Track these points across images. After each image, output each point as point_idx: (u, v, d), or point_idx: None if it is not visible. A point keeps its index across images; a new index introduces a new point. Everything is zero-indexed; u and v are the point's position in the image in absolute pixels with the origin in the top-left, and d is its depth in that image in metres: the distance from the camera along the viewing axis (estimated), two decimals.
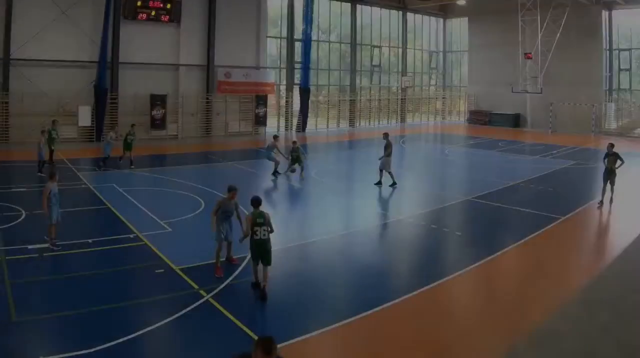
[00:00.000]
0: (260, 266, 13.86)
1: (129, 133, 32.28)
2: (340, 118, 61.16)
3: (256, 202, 14.04)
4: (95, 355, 10.48)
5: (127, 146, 32.01)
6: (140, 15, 44.70)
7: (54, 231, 16.87)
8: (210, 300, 13.24)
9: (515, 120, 63.23)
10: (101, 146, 27.02)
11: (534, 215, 22.73)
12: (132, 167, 31.12)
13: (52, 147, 31.87)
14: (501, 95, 63.24)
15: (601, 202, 24.47)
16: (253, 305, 13.48)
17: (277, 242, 16.60)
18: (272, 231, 13.96)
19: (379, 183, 27.88)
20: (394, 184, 27.61)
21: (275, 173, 29.82)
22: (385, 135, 28.31)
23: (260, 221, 13.68)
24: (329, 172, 32.55)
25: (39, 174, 27.62)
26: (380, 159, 27.77)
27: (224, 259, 15.54)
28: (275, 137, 31.59)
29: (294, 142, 27.40)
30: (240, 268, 15.32)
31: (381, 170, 27.72)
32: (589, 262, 17.91)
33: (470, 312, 13.61)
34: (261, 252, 13.74)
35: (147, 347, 11.36)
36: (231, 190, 15.40)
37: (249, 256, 14.73)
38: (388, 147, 27.57)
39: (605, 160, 24.65)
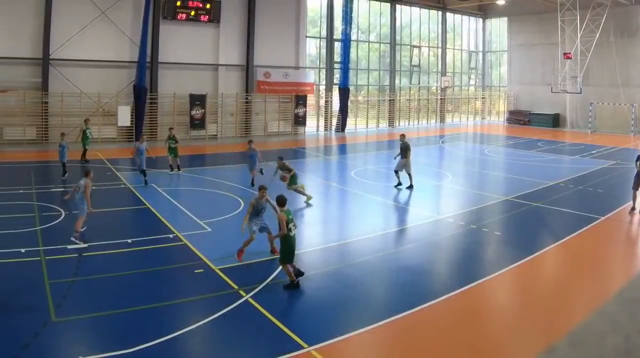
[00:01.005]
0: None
1: (169, 137, 29.54)
2: (380, 118, 59.23)
3: (283, 201, 14.20)
4: (134, 355, 10.31)
5: (172, 152, 29.35)
6: (180, 15, 43.44)
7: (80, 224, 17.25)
8: (250, 300, 12.97)
9: (555, 120, 60.84)
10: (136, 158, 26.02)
11: (574, 215, 22.20)
12: (173, 172, 28.93)
13: (86, 146, 30.90)
14: (540, 95, 61.31)
15: (633, 209, 22.55)
16: (292, 305, 13.34)
17: (316, 242, 17.91)
18: (295, 227, 14.18)
19: (398, 184, 26.58)
20: (410, 186, 26.29)
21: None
22: (402, 137, 27.00)
23: (291, 218, 13.89)
24: (367, 172, 31.56)
25: (63, 177, 26.42)
26: (399, 160, 26.60)
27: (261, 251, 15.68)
28: (250, 142, 28.52)
29: (280, 158, 25.26)
30: (279, 269, 14.71)
31: (396, 172, 26.56)
32: (629, 261, 17.60)
33: (510, 312, 13.41)
34: (293, 248, 13.89)
35: (186, 347, 11.06)
36: (261, 189, 15.83)
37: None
38: (405, 150, 26.18)
39: (638, 163, 22.49)
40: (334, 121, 54.24)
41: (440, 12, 64.25)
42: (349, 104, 53.89)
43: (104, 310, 12.29)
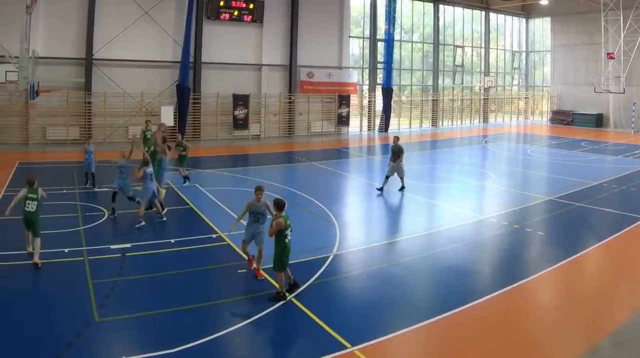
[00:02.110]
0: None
1: (177, 144, 25.75)
2: (423, 118, 56.72)
3: (282, 204, 12.71)
4: (177, 355, 10.05)
5: (180, 160, 25.51)
6: (223, 15, 41.94)
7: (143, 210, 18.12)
8: (293, 300, 12.58)
9: (598, 120, 58.25)
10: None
11: (617, 215, 21.45)
12: (186, 184, 24.90)
13: (147, 149, 28.97)
14: (584, 95, 58.68)
15: None
16: (336, 304, 12.74)
17: (360, 242, 17.44)
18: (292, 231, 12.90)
19: (399, 190, 24.54)
20: (402, 188, 24.50)
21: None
22: (395, 140, 24.80)
23: (289, 223, 12.63)
24: (411, 172, 28.73)
25: (86, 186, 24.05)
26: (390, 165, 24.58)
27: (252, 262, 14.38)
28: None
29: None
30: (322, 269, 14.55)
31: (387, 177, 24.52)
32: None
33: (553, 312, 12.85)
34: (288, 254, 12.64)
35: (229, 348, 10.82)
36: (257, 190, 13.98)
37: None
38: (398, 153, 24.15)
39: None
40: (377, 121, 52.33)
41: (483, 12, 61.74)
42: (392, 104, 51.98)
43: (147, 310, 12.02)
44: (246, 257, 14.48)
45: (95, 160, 24.26)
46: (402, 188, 24.27)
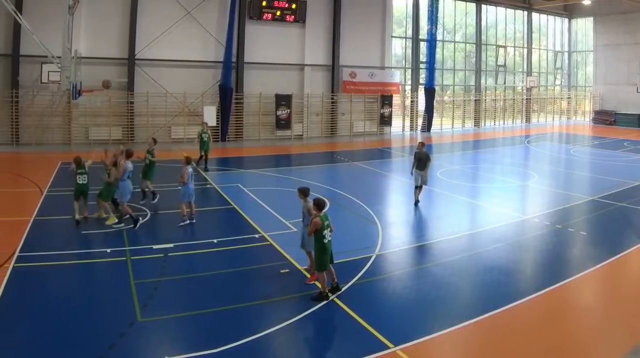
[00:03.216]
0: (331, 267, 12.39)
1: (148, 151, 21.11)
2: (465, 118, 54.38)
3: (321, 204, 12.38)
4: (220, 355, 9.69)
5: (146, 172, 20.76)
6: (266, 15, 40.13)
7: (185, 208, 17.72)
8: (335, 300, 12.10)
9: None
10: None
11: None
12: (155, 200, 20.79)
13: (204, 152, 27.10)
14: (626, 95, 56.05)
15: None
16: (378, 304, 12.21)
17: (403, 242, 16.78)
18: (332, 231, 12.38)
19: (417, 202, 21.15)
20: (416, 203, 21.11)
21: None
22: (420, 146, 21.25)
23: (327, 223, 12.19)
24: (454, 172, 29.26)
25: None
26: (415, 173, 21.10)
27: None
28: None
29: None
30: (364, 269, 14.04)
31: (417, 187, 21.14)
32: None
33: (595, 312, 12.41)
34: (331, 252, 12.24)
35: (271, 348, 10.33)
36: (301, 191, 13.56)
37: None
38: (425, 161, 20.75)
39: None
40: (420, 121, 50.00)
41: (525, 12, 58.84)
42: (434, 104, 49.72)
43: (190, 310, 11.64)
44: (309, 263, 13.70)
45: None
46: (415, 203, 21.05)
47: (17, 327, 10.52)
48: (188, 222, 17.69)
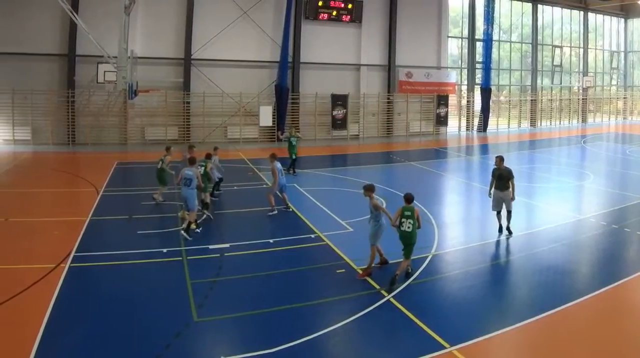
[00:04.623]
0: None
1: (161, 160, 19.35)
2: (521, 118, 50.89)
3: (408, 198, 12.45)
4: (276, 355, 9.03)
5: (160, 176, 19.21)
6: (322, 15, 37.55)
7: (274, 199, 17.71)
8: (391, 300, 11.36)
9: None
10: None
11: None
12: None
13: (294, 156, 25.33)
14: None
15: None
16: (434, 304, 11.40)
17: (459, 242, 15.72)
18: (419, 227, 12.34)
19: (505, 229, 16.15)
20: (508, 232, 16.09)
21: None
22: (499, 161, 16.26)
23: (407, 214, 12.23)
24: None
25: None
26: (495, 195, 16.20)
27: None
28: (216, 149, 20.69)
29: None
30: (420, 269, 13.17)
31: (499, 213, 16.16)
32: None
33: None
34: (404, 242, 12.25)
35: (328, 347, 9.58)
36: (366, 188, 13.11)
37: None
38: (506, 179, 15.89)
39: None
40: (476, 121, 46.70)
41: (581, 12, 54.69)
42: (490, 103, 46.30)
43: (246, 310, 10.93)
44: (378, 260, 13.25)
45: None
46: (507, 228, 16.03)
47: (74, 327, 9.88)
48: (276, 211, 17.62)
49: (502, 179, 16.03)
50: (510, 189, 15.88)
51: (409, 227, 12.16)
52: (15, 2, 30.07)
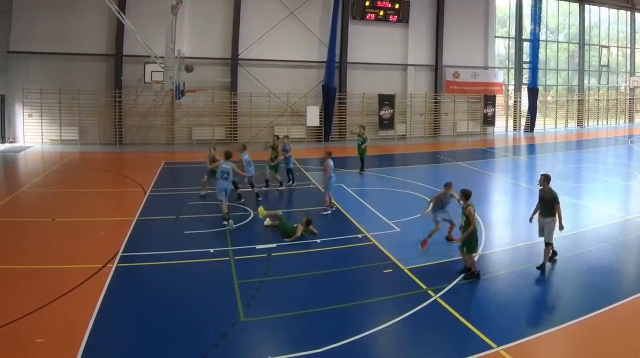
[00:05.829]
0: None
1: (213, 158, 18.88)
2: (568, 118, 47.84)
3: (468, 194, 11.92)
4: (323, 354, 8.68)
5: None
6: (369, 15, 35.37)
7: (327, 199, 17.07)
8: (439, 300, 10.69)
9: None
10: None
11: None
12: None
13: (363, 156, 24.71)
14: None
15: None
16: (481, 304, 10.78)
17: (505, 242, 15.13)
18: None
19: (554, 255, 13.05)
20: (553, 258, 13.05)
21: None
22: (544, 181, 12.71)
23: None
24: (556, 172, 25.42)
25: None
26: (538, 220, 12.90)
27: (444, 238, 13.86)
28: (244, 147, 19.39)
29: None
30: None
31: (548, 244, 12.52)
32: None
33: None
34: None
35: (375, 347, 9.19)
36: (447, 185, 13.89)
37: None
38: (550, 202, 12.46)
39: None
40: (523, 121, 43.82)
41: (628, 12, 50.81)
42: (537, 104, 43.37)
43: (293, 310, 10.36)
44: (427, 239, 13.80)
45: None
46: (542, 266, 12.35)
47: (121, 326, 9.53)
48: (330, 211, 16.97)
49: (546, 204, 12.56)
50: (555, 216, 12.30)
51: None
52: (63, 3, 28.78)
